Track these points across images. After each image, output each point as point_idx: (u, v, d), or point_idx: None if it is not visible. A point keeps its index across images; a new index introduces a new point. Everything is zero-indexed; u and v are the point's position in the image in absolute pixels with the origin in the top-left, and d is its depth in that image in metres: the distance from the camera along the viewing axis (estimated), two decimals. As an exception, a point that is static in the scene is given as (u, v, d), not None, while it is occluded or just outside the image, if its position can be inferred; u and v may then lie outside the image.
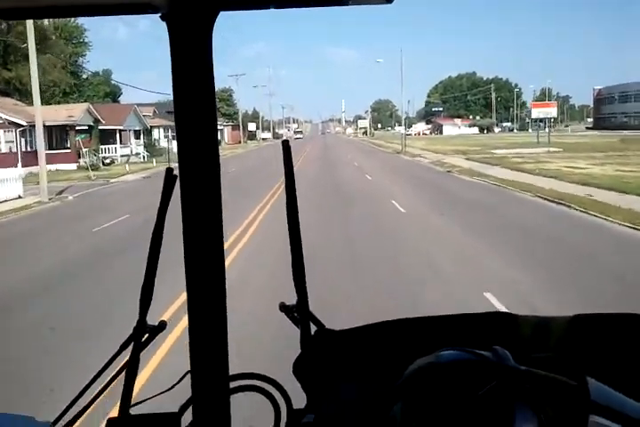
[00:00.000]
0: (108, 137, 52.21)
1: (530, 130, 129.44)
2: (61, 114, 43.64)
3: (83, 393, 1.17)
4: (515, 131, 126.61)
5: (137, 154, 56.08)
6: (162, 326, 1.16)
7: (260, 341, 6.89)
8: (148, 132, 61.54)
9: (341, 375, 1.16)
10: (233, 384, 1.14)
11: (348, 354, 1.20)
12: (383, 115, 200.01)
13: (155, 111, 68.07)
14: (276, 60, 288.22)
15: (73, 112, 44.20)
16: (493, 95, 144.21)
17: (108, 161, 49.72)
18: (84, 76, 74.76)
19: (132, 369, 1.14)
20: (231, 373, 1.08)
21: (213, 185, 1.00)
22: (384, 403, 0.88)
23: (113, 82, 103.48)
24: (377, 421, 0.92)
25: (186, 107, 0.99)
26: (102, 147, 52.31)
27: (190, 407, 1.07)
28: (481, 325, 1.19)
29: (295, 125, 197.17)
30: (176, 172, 1.04)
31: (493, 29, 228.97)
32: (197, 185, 0.99)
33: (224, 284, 1.03)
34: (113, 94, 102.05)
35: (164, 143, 66.78)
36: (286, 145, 1.15)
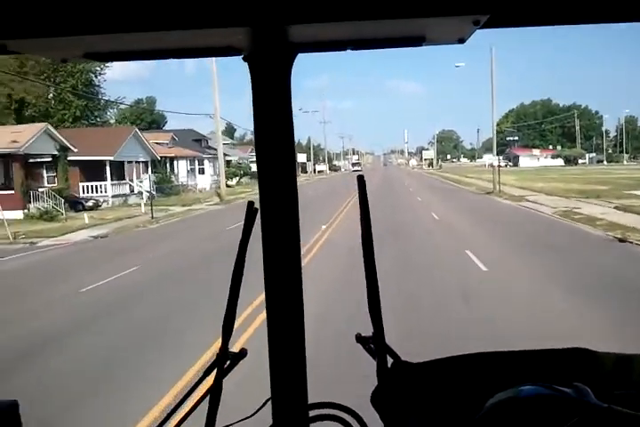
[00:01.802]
0: (93, 171, 37.74)
1: (625, 161, 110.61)
2: (3, 139, 29.12)
3: (168, 418, 1.15)
4: (605, 162, 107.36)
5: (139, 193, 41.35)
6: (243, 353, 1.14)
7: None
8: (159, 163, 46.99)
9: (419, 408, 1.14)
10: (312, 413, 1.13)
11: (426, 387, 1.16)
12: (447, 146, 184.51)
13: (173, 138, 53.51)
14: (339, 92, 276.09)
15: (20, 136, 29.53)
16: (577, 123, 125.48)
17: (90, 204, 35.11)
18: (109, 98, 61.18)
19: (215, 395, 1.12)
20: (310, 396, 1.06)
21: (292, 219, 1.05)
22: None
23: (155, 110, 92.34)
24: None
25: (266, 143, 1.04)
26: (85, 184, 37.76)
27: None
28: (561, 360, 1.14)
29: (356, 157, 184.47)
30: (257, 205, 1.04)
31: (570, 54, 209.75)
32: (277, 219, 1.04)
33: (302, 314, 1.05)
34: (156, 123, 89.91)
35: (184, 177, 52.11)
36: (361, 180, 1.11)
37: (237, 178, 63.55)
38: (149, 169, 45.25)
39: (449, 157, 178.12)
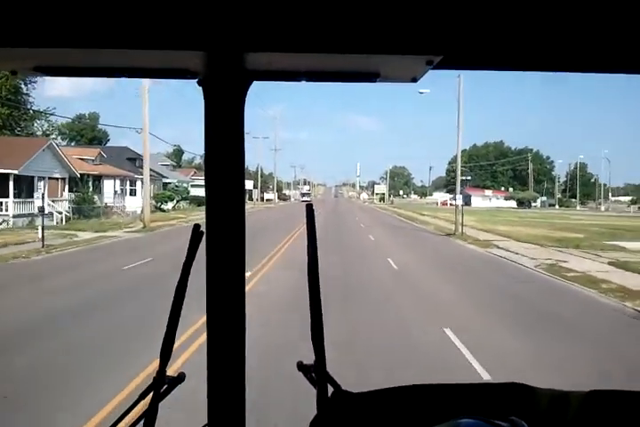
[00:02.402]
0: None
1: (577, 207, 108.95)
2: None
3: None
4: (557, 206, 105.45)
5: (49, 214, 35.14)
6: (181, 377, 1.12)
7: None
8: (81, 181, 40.87)
9: None
10: None
11: (365, 417, 1.15)
12: (398, 182, 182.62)
13: (101, 154, 47.51)
14: (293, 123, 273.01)
15: None
16: (530, 166, 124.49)
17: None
18: (38, 108, 54.64)
19: (149, 419, 1.10)
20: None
21: (239, 243, 1.04)
22: None
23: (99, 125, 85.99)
24: None
25: (216, 166, 1.04)
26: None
27: None
28: (498, 394, 1.14)
29: (307, 187, 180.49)
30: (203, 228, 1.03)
31: (524, 98, 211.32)
32: (223, 242, 1.03)
33: (244, 339, 1.05)
34: (98, 140, 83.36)
35: (110, 198, 46.01)
36: (310, 209, 1.10)
37: (174, 202, 57.59)
38: (66, 187, 39.15)
39: (401, 192, 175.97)
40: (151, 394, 1.09)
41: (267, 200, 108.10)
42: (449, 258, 22.02)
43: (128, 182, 50.53)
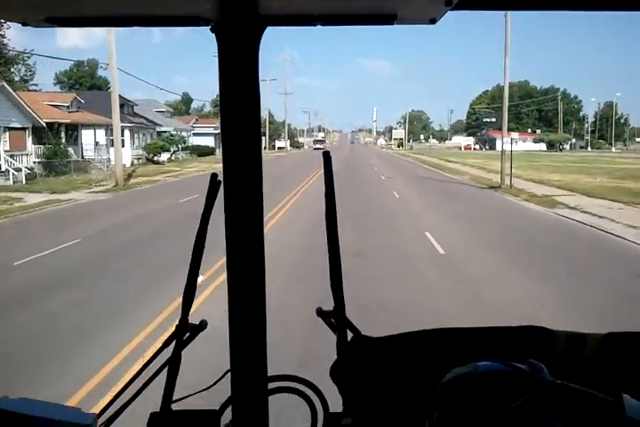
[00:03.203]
0: None
1: (613, 149, 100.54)
2: None
3: (126, 388, 1.13)
4: (588, 148, 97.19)
5: (6, 171, 28.80)
6: (203, 325, 1.13)
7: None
8: (52, 132, 34.24)
9: (378, 382, 1.14)
10: (271, 385, 1.12)
11: (384, 361, 1.16)
12: (416, 126, 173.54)
13: (78, 100, 40.54)
14: (307, 68, 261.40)
15: None
16: (560, 106, 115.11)
17: None
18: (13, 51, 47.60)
19: (173, 366, 1.11)
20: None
21: (256, 191, 1.02)
22: (421, 410, 0.89)
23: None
24: None
25: (232, 114, 1.01)
26: None
27: (230, 406, 1.07)
28: (517, 337, 1.15)
29: (322, 134, 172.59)
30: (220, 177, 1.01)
31: (549, 36, 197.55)
32: (241, 191, 1.01)
33: (264, 287, 1.04)
34: (97, 88, 76.05)
35: (90, 151, 39.48)
36: (327, 157, 1.08)
37: (169, 153, 50.91)
38: (29, 138, 32.64)
39: (421, 137, 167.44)
40: (174, 342, 1.10)
41: (278, 148, 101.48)
42: (513, 229, 15.18)
43: (112, 132, 43.87)
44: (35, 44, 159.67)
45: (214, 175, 1.06)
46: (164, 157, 49.43)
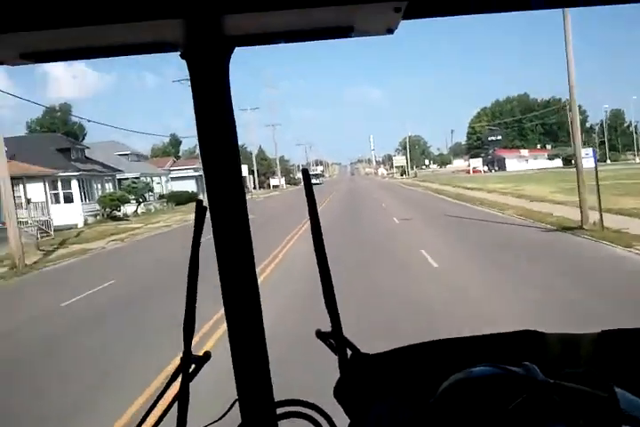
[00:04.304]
0: None
1: (637, 159, 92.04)
2: None
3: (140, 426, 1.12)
4: (608, 161, 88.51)
5: None
6: (207, 356, 1.11)
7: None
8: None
9: (380, 397, 1.15)
10: (279, 410, 1.13)
11: (385, 376, 1.18)
12: (415, 152, 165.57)
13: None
14: (298, 100, 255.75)
15: None
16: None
17: None
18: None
19: (183, 400, 1.09)
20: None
21: (242, 218, 1.03)
22: (421, 419, 0.90)
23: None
24: None
25: (209, 145, 1.02)
26: None
27: None
28: (511, 343, 1.16)
29: (321, 168, 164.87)
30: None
31: (545, 44, 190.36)
32: (227, 217, 1.03)
33: (260, 312, 1.05)
34: (72, 135, 67.77)
35: (19, 210, 30.98)
36: (305, 173, 1.11)
37: (137, 204, 42.45)
38: None
39: (426, 162, 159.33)
40: (180, 376, 1.09)
41: (274, 187, 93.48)
42: None
43: (59, 184, 35.64)
44: None
45: (199, 201, 1.06)
46: (130, 209, 41.07)
